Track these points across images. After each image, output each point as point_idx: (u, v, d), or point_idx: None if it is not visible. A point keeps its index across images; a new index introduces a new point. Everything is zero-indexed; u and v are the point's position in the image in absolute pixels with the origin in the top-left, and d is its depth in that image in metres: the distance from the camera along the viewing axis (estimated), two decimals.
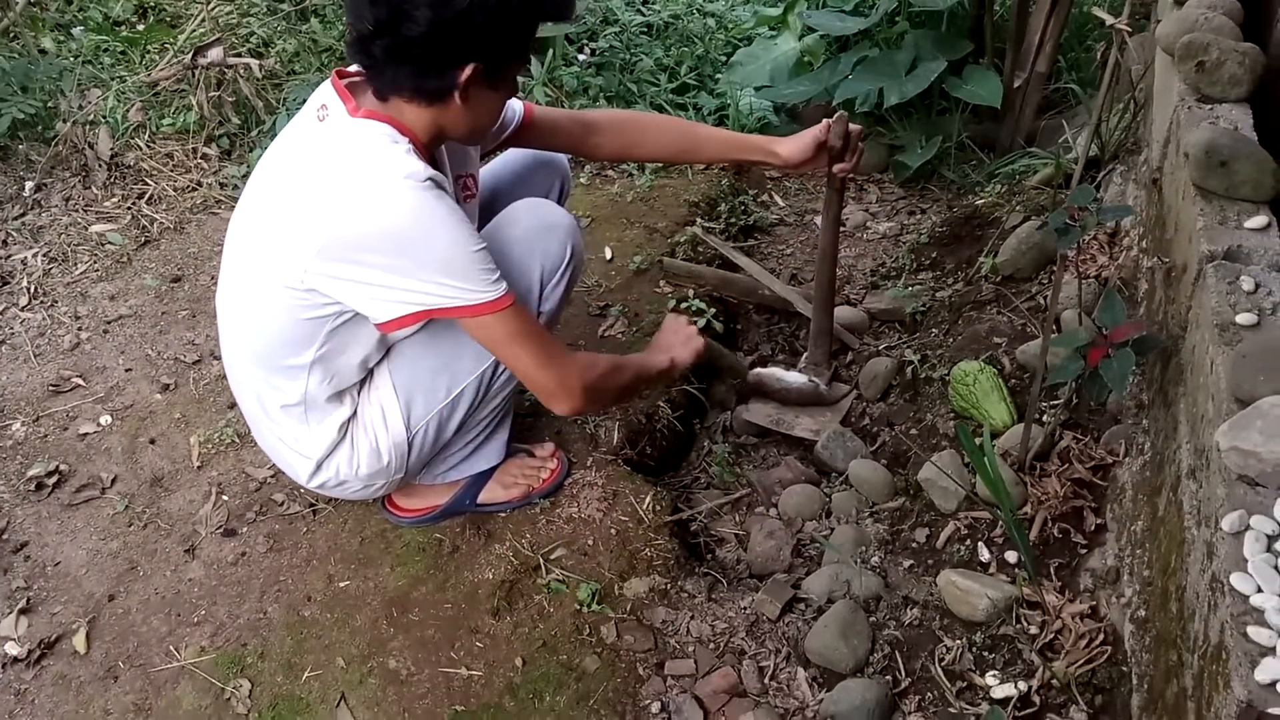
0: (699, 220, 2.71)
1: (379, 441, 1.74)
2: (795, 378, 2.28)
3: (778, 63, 3.36)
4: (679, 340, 1.96)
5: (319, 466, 1.75)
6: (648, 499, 1.97)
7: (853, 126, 2.01)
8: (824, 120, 2.00)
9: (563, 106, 3.13)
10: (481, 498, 1.95)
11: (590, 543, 1.90)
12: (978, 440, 1.79)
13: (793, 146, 1.97)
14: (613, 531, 1.91)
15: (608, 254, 2.61)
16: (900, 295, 2.49)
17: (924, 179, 3.03)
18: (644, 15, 3.57)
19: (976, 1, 3.15)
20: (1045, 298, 2.18)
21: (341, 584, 1.86)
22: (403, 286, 1.48)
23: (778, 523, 2.04)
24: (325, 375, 1.67)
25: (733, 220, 2.78)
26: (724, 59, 3.53)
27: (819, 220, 2.31)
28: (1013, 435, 1.90)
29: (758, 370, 2.32)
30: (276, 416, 1.72)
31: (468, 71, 1.45)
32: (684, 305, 2.43)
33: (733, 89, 3.18)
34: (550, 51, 3.28)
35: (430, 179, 1.47)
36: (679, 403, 2.29)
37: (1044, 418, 1.91)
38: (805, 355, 2.35)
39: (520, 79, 3.19)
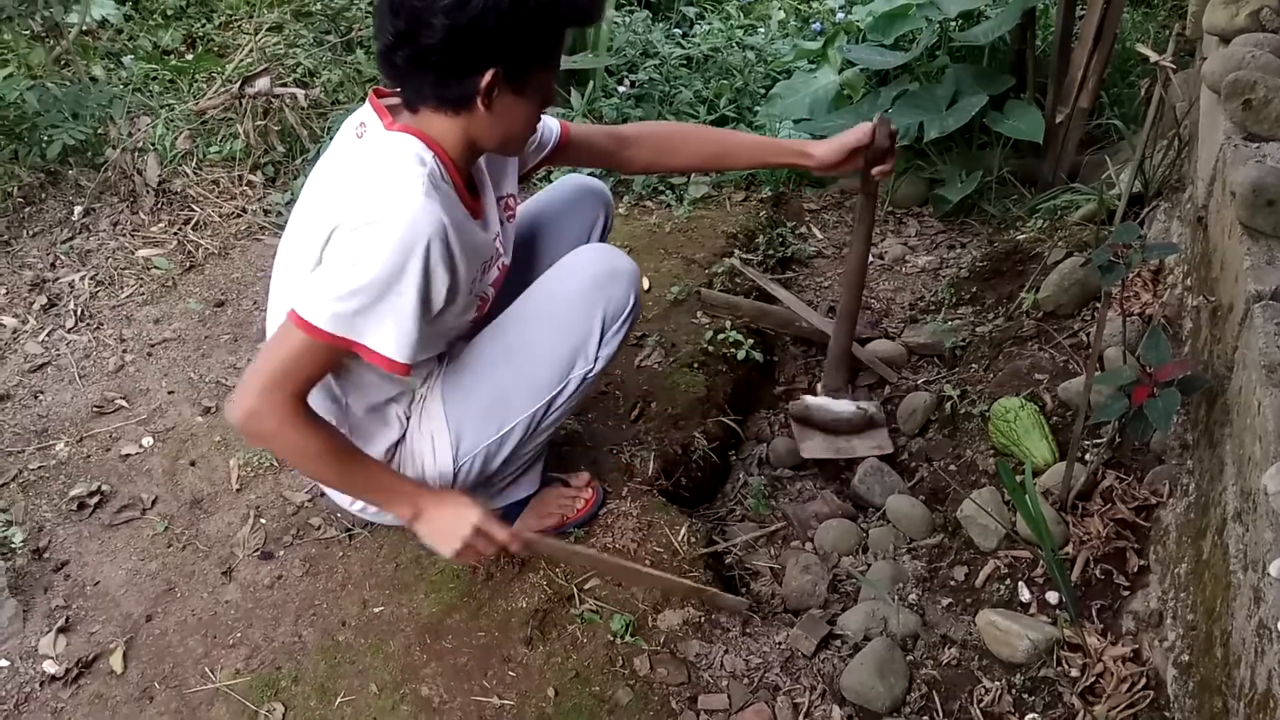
0: (737, 252, 2.71)
1: (425, 470, 1.75)
2: (845, 406, 2.25)
3: (817, 96, 3.37)
4: (453, 529, 1.65)
5: None
6: (682, 530, 1.96)
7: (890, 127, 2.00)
8: (863, 123, 1.98)
9: None
10: (516, 527, 1.94)
11: None
12: (1018, 478, 1.76)
13: (827, 149, 1.96)
14: (647, 562, 1.91)
15: (645, 284, 2.62)
16: (940, 330, 2.47)
17: (964, 213, 3.02)
18: (684, 48, 3.60)
19: (1018, 36, 3.14)
20: (1088, 334, 2.16)
21: (376, 609, 1.87)
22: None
23: (814, 557, 2.02)
24: (352, 388, 1.68)
25: (770, 252, 2.78)
26: (763, 91, 3.55)
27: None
28: (1054, 473, 1.87)
29: (805, 400, 2.28)
30: None
31: (488, 77, 1.45)
32: (721, 335, 2.43)
33: (771, 121, 3.19)
34: (590, 83, 3.31)
35: (441, 224, 1.46)
36: (715, 434, 2.28)
37: (1086, 456, 1.89)
38: (823, 381, 2.32)
39: (561, 110, 3.24)
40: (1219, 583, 1.34)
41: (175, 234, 3.01)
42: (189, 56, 3.91)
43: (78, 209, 3.10)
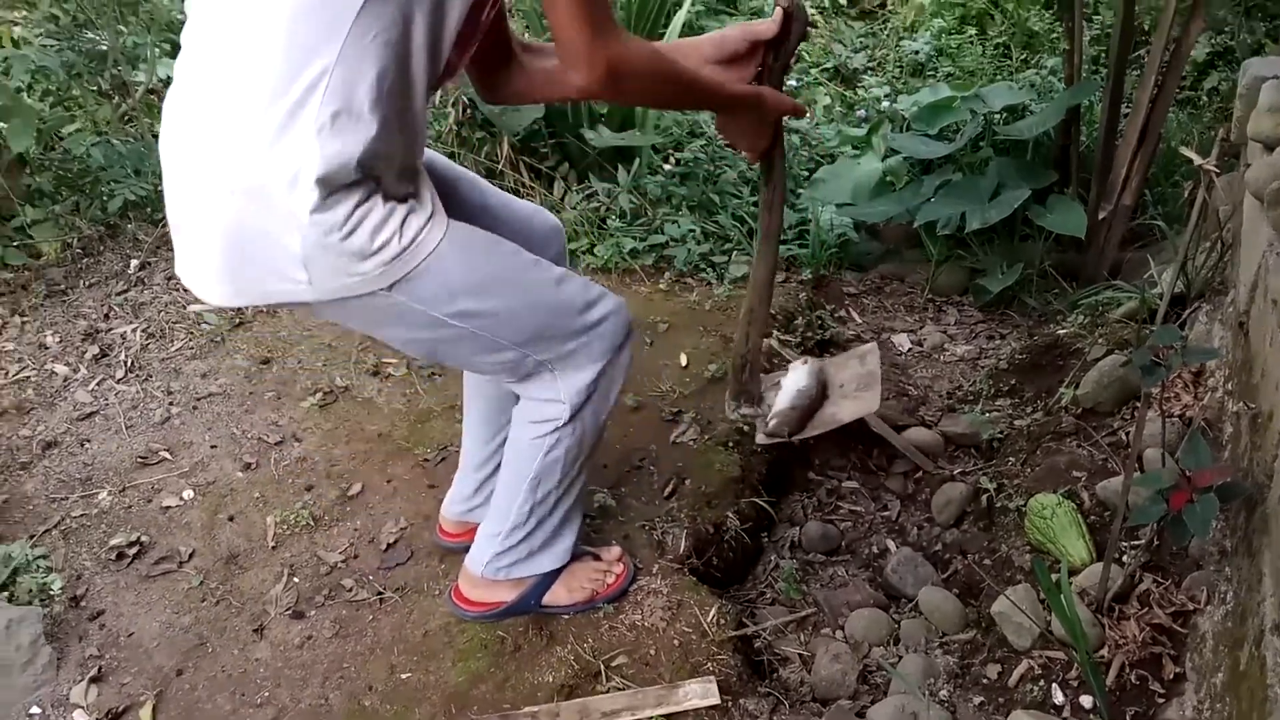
0: (775, 332, 2.73)
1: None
2: (804, 374, 2.32)
3: (860, 181, 3.42)
4: (757, 129, 1.71)
5: (328, 196, 1.35)
6: (712, 611, 1.96)
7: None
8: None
9: (646, 215, 3.22)
10: (546, 599, 1.95)
11: (652, 652, 1.89)
12: (1054, 576, 1.75)
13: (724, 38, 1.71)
14: (675, 642, 1.90)
15: (683, 360, 2.64)
16: (977, 421, 2.47)
17: (1004, 304, 3.03)
18: None
19: (1062, 132, 3.18)
20: (1127, 434, 2.16)
21: (403, 675, 1.87)
22: None
23: (844, 646, 2.01)
24: (336, 97, 1.31)
25: (809, 334, 2.81)
26: (806, 174, 3.60)
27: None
28: (1091, 574, 1.86)
29: (780, 408, 2.27)
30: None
31: None
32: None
33: (814, 204, 3.23)
34: (636, 161, 3.38)
35: None
36: (748, 515, 2.28)
37: (1124, 558, 1.87)
38: (730, 394, 2.22)
39: (606, 185, 3.30)
40: (1255, 696, 1.32)
41: None
42: None
43: (134, 262, 3.19)
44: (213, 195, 1.37)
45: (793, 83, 4.24)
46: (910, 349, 2.89)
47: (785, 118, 1.83)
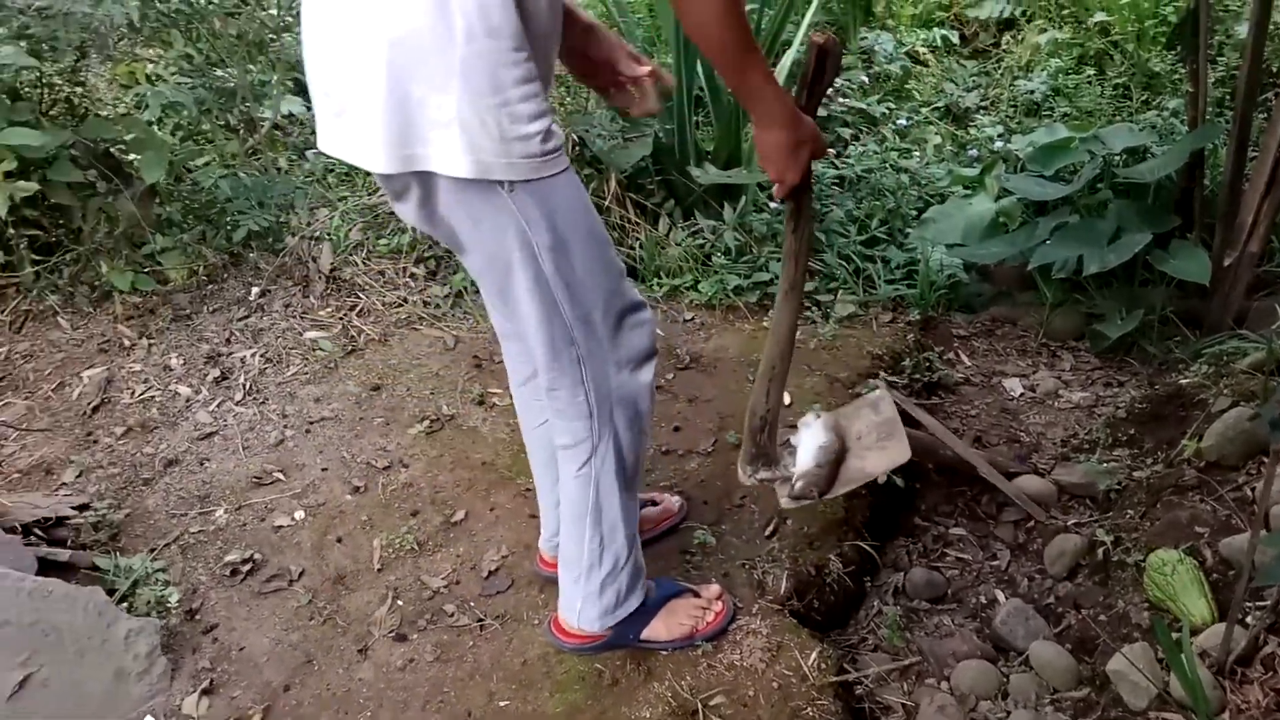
0: (882, 374, 2.69)
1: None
2: (822, 428, 2.06)
3: (971, 222, 3.36)
4: (793, 154, 1.62)
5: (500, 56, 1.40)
6: (813, 655, 1.92)
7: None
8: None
9: (751, 252, 3.21)
10: (645, 634, 1.94)
11: (751, 693, 1.86)
12: (1175, 636, 1.68)
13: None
14: (775, 685, 1.87)
15: (787, 400, 2.62)
16: (1093, 470, 2.39)
17: (1123, 351, 2.93)
18: (837, 168, 3.65)
19: (1185, 175, 3.08)
20: (1254, 490, 2.06)
21: (501, 703, 1.88)
22: None
23: (949, 698, 1.95)
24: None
25: (916, 376, 2.76)
26: (915, 214, 3.56)
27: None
28: (1213, 634, 1.77)
29: (805, 469, 2.00)
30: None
31: None
32: None
33: (924, 245, 3.19)
34: (743, 198, 3.39)
35: None
36: (850, 558, 2.24)
37: (1248, 619, 1.78)
38: (744, 459, 2.03)
39: (711, 222, 3.32)
40: None
41: (341, 319, 3.17)
42: None
43: (255, 290, 3.31)
44: (368, 47, 1.39)
45: (902, 121, 4.20)
46: (1022, 394, 2.81)
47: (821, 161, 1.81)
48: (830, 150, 3.82)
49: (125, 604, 2.06)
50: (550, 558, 2.12)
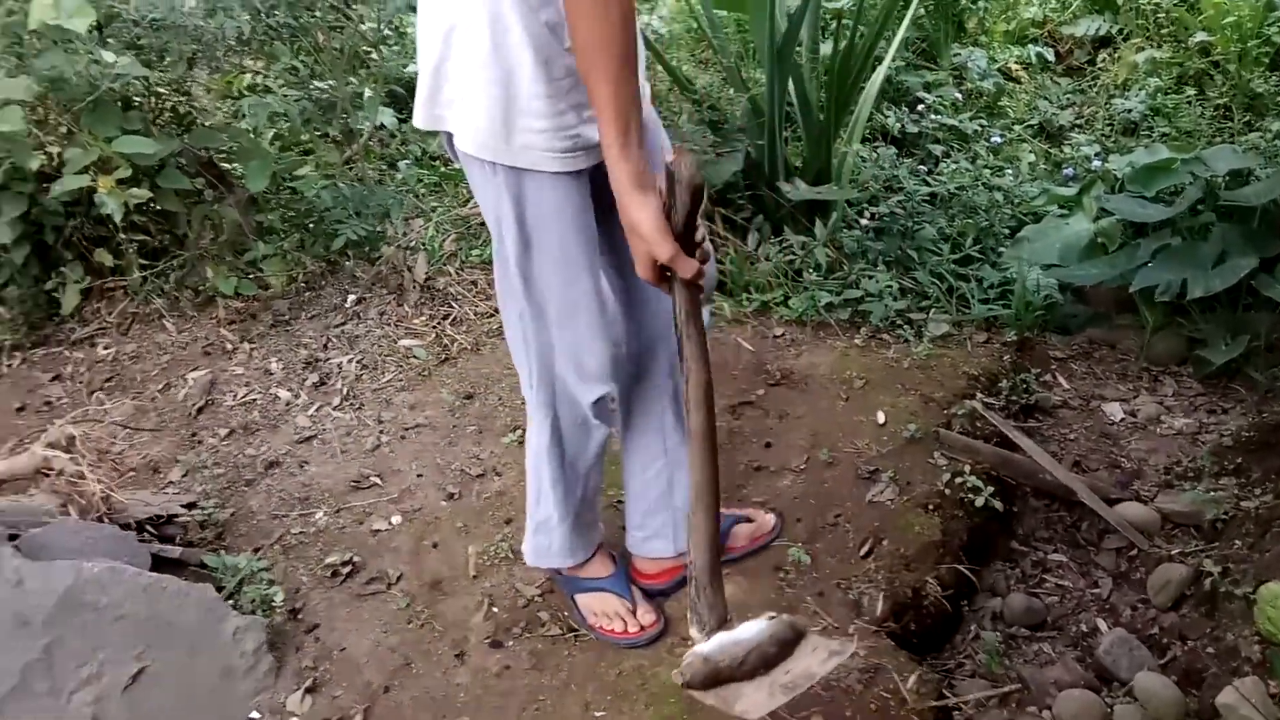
0: (979, 395, 2.66)
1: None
2: (754, 629, 1.46)
3: (1068, 242, 3.29)
4: (653, 225, 1.41)
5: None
6: (912, 678, 1.90)
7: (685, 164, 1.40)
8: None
9: (842, 269, 3.19)
10: (578, 600, 2.10)
11: (848, 715, 1.85)
12: None
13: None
14: (872, 707, 1.85)
15: (880, 418, 2.60)
16: (1199, 499, 2.33)
17: (1227, 377, 2.85)
18: (929, 185, 3.62)
19: None
20: None
21: (597, 714, 1.89)
22: None
23: None
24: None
25: (1014, 398, 2.71)
26: (1008, 233, 3.51)
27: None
28: None
29: (697, 653, 1.43)
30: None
31: None
32: (959, 479, 2.37)
33: (1020, 264, 3.14)
34: (833, 214, 3.37)
35: None
36: (947, 581, 2.21)
37: None
38: (693, 615, 1.47)
39: (802, 238, 3.30)
40: None
41: (434, 328, 3.22)
42: (457, 165, 4.24)
43: (351, 297, 3.39)
44: (437, 20, 1.57)
45: (995, 138, 4.14)
46: (1122, 419, 2.75)
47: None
48: (920, 167, 3.78)
49: (231, 602, 2.11)
50: (640, 565, 2.16)
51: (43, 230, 3.19)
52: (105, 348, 3.23)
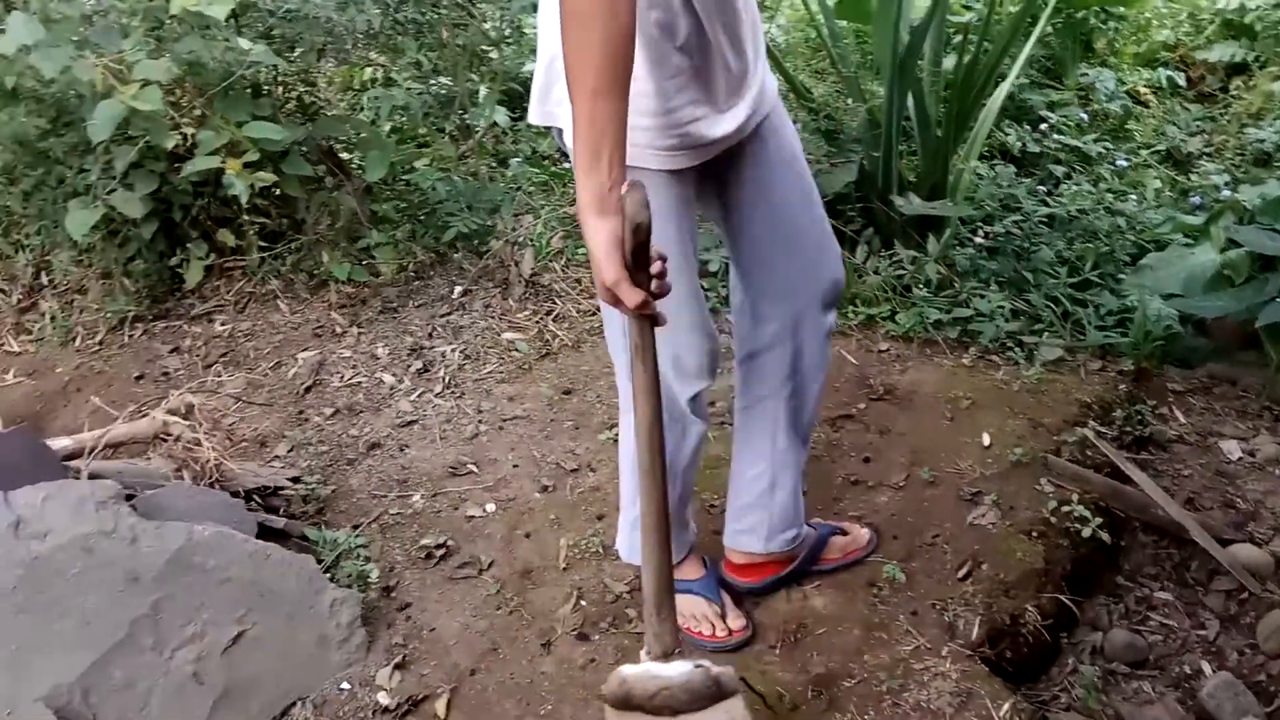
0: (1091, 423, 2.57)
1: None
2: (679, 670, 1.45)
3: (1192, 272, 3.17)
4: (602, 249, 1.37)
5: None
6: (1005, 706, 1.85)
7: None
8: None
9: (953, 286, 3.13)
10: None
11: None
12: None
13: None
14: None
15: (985, 440, 2.53)
16: None
17: None
18: (1049, 206, 3.52)
19: None
20: None
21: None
22: None
23: None
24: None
25: (1127, 429, 2.62)
26: (1129, 260, 3.39)
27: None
28: None
29: (621, 673, 1.47)
30: None
31: None
32: (1066, 508, 2.30)
33: (1140, 292, 3.03)
34: (946, 231, 3.31)
35: None
36: (1047, 611, 2.14)
37: None
38: (646, 640, 1.51)
39: (913, 253, 3.25)
40: None
41: (537, 323, 3.26)
42: (566, 165, 4.28)
43: (458, 289, 3.45)
44: (552, 17, 1.52)
45: (1121, 162, 4.02)
46: (1240, 458, 2.63)
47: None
48: (1040, 187, 3.68)
49: (329, 575, 2.16)
50: (731, 558, 2.15)
51: (171, 208, 3.33)
52: (222, 324, 3.35)
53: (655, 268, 1.40)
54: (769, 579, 2.11)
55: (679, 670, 1.42)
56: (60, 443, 2.28)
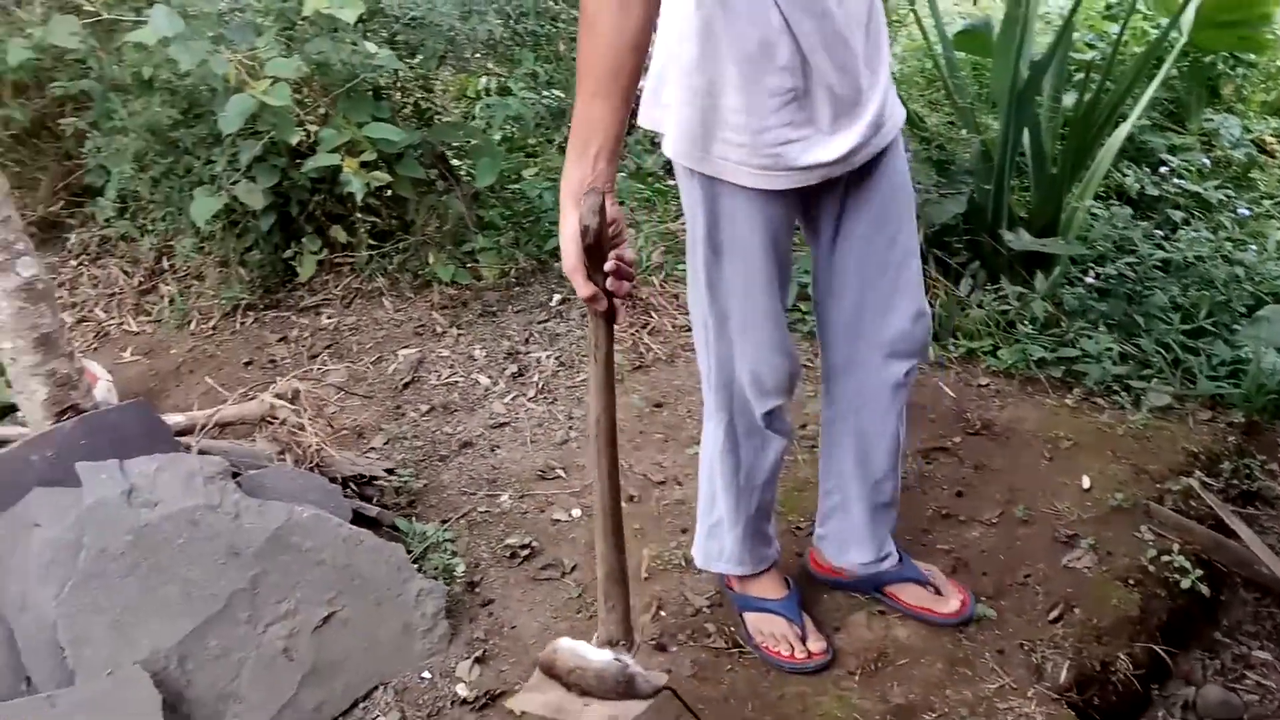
0: (1197, 473, 2.49)
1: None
2: (600, 657, 1.57)
3: None
4: (568, 238, 1.43)
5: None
6: None
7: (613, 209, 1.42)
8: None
9: (1060, 325, 3.06)
10: (746, 617, 2.10)
11: None
12: None
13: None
14: None
15: (1085, 483, 2.47)
16: None
17: None
18: (1164, 250, 3.42)
19: None
20: None
21: None
22: None
23: None
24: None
25: (1234, 482, 2.52)
26: (1245, 310, 3.27)
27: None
28: None
29: (558, 641, 1.61)
30: None
31: None
32: (1165, 558, 2.22)
33: (1256, 344, 2.92)
34: (1056, 269, 3.24)
35: None
36: (1140, 660, 2.08)
37: None
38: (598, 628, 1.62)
39: (1020, 289, 3.19)
40: None
41: (632, 335, 3.28)
42: (669, 182, 4.31)
43: (556, 297, 3.49)
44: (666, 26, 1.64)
45: (1242, 211, 3.88)
46: None
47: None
48: (1157, 231, 3.58)
49: (417, 566, 2.20)
50: (816, 556, 2.19)
51: (289, 202, 3.44)
52: (328, 317, 3.45)
53: (609, 266, 1.44)
54: (854, 578, 2.15)
55: (600, 658, 1.55)
56: (173, 419, 2.38)
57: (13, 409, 2.41)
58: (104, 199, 3.49)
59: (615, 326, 1.50)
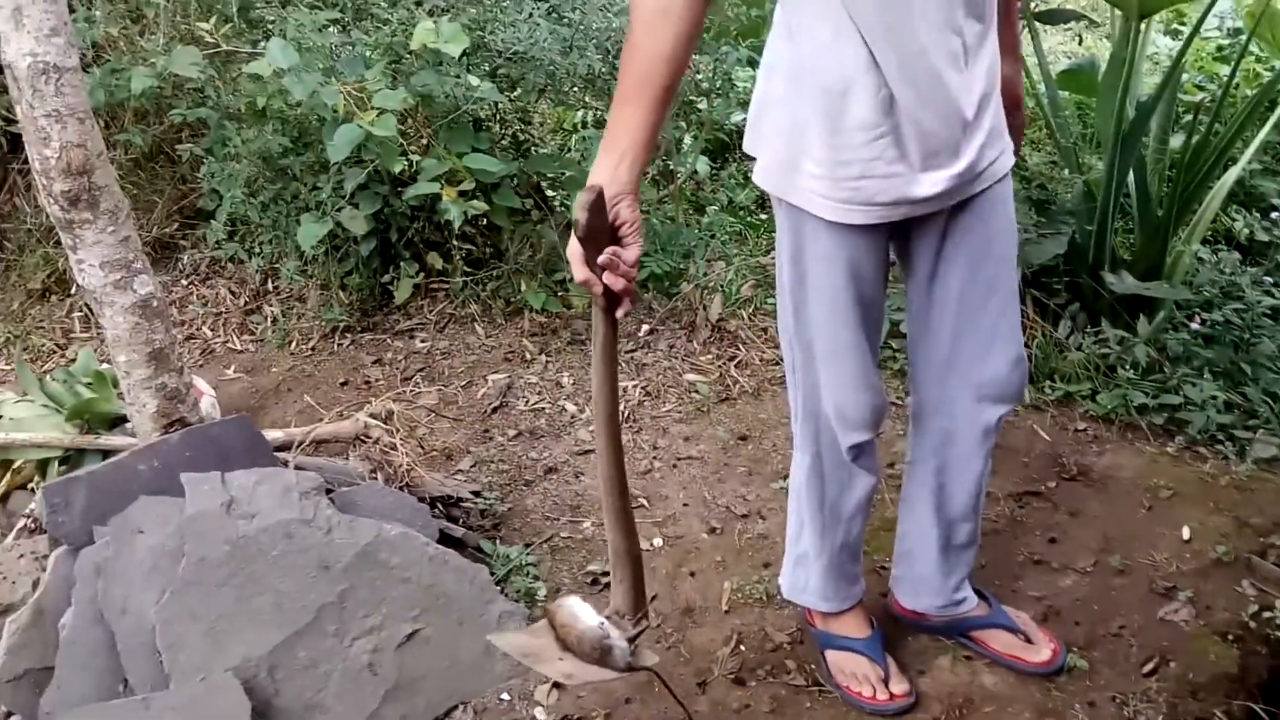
0: None
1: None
2: (589, 621, 1.60)
3: None
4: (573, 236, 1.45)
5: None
6: None
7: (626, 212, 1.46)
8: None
9: (1162, 371, 2.97)
10: (827, 653, 2.07)
11: None
12: None
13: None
14: None
15: (1185, 534, 2.38)
16: None
17: None
18: (1274, 298, 3.30)
19: None
20: None
21: None
22: None
23: None
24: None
25: None
26: None
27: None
28: None
29: (568, 598, 1.65)
30: None
31: None
32: (1269, 614, 2.13)
33: None
34: (1160, 313, 3.15)
35: None
36: (1238, 718, 1.99)
37: None
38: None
39: (1121, 333, 3.10)
40: None
41: (719, 367, 3.28)
42: (763, 216, 4.31)
43: (645, 328, 3.52)
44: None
45: None
46: None
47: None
48: (1267, 278, 3.46)
49: (500, 588, 2.23)
50: (904, 601, 2.14)
51: (389, 229, 3.54)
52: (422, 341, 3.53)
53: (602, 259, 1.45)
54: (933, 622, 2.12)
55: (590, 620, 1.60)
56: (272, 434, 2.46)
57: (123, 419, 2.52)
58: (215, 222, 3.64)
59: (618, 324, 1.54)
